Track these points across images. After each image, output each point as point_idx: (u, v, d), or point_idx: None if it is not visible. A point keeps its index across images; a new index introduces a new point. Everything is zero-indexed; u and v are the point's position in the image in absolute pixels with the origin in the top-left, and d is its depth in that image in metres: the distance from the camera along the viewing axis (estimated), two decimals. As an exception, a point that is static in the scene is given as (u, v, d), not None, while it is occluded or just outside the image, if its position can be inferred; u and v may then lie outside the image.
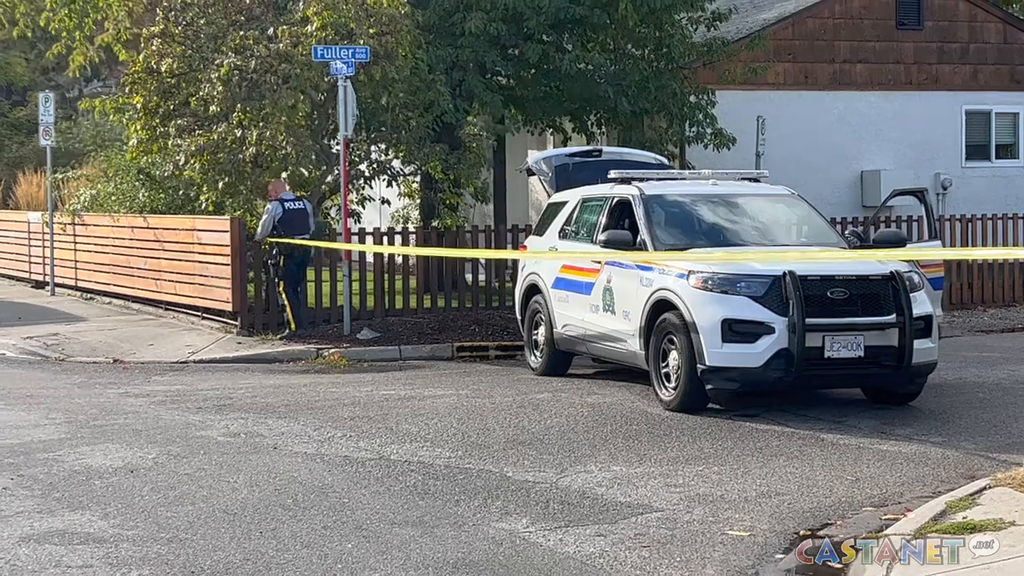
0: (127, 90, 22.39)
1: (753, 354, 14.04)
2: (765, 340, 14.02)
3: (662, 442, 13.02)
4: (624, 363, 15.98)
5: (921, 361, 14.36)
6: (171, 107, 21.84)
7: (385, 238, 22.39)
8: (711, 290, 14.29)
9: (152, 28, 21.72)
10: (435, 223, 22.72)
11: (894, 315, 14.20)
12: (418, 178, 23.51)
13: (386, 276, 22.03)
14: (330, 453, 12.42)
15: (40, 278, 29.06)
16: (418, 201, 25.50)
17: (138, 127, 22.22)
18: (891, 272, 14.34)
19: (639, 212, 15.90)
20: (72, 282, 27.51)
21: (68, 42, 26.74)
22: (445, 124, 23.33)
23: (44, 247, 28.19)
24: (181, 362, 19.27)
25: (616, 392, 15.96)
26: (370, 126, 22.02)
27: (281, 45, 20.64)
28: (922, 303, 14.59)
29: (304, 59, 20.43)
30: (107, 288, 25.98)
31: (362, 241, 22.18)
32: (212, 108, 20.91)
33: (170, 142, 21.39)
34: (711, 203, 16.23)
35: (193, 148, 20.80)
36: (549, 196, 18.52)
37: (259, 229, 20.61)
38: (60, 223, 27.14)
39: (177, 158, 21.21)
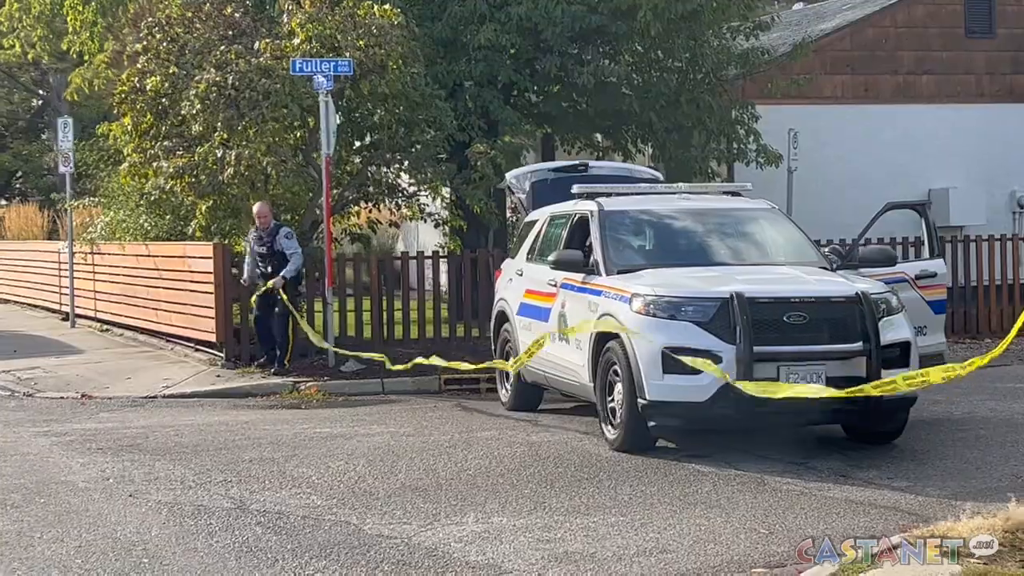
0: (116, 111, 21.26)
1: (697, 387, 12.41)
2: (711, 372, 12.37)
3: (577, 488, 11.50)
4: (580, 397, 14.44)
5: (894, 395, 12.54)
6: (163, 128, 20.63)
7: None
8: (654, 315, 12.70)
9: (135, 45, 20.55)
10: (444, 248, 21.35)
11: (860, 342, 12.48)
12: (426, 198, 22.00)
13: (384, 303, 20.61)
14: (186, 501, 11.07)
15: (69, 310, 28.11)
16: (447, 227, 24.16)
17: (130, 149, 21.07)
18: (857, 293, 12.64)
19: (594, 230, 14.38)
20: (93, 313, 26.49)
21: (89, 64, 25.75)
22: (458, 143, 21.94)
23: (64, 277, 27.21)
24: (149, 397, 18.05)
25: (570, 431, 14.43)
26: (366, 145, 20.65)
27: (262, 59, 19.37)
28: (898, 328, 12.87)
29: (286, 74, 19.16)
30: (120, 319, 24.93)
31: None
32: (195, 127, 19.70)
33: (156, 165, 20.14)
34: (677, 219, 14.65)
35: (172, 170, 19.56)
36: (525, 215, 17.02)
37: (244, 271, 19.53)
38: (80, 252, 26.13)
39: (160, 181, 19.97)
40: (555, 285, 14.68)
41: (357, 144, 21.25)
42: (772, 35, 28.35)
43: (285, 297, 18.81)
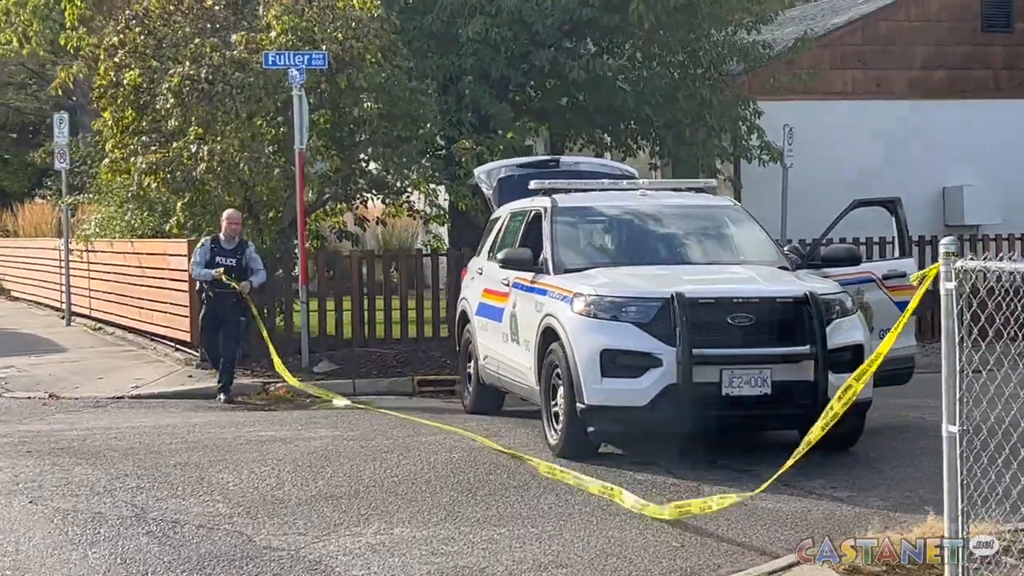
0: (96, 105, 20.88)
1: (637, 391, 11.88)
2: (651, 374, 11.86)
3: (500, 496, 10.99)
4: (531, 401, 13.89)
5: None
6: (143, 123, 20.21)
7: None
8: (595, 316, 12.16)
9: (112, 39, 20.13)
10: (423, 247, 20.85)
11: (808, 345, 11.88)
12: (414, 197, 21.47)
13: (366, 301, 20.12)
14: (86, 508, 10.62)
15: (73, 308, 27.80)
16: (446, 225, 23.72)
17: (111, 145, 20.67)
18: (805, 294, 12.05)
19: (546, 227, 13.85)
20: (88, 311, 26.16)
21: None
22: (449, 139, 21.46)
23: (61, 275, 26.91)
24: (116, 397, 17.65)
25: (519, 436, 13.88)
26: (344, 140, 20.16)
27: (236, 52, 18.91)
28: (850, 331, 12.28)
29: (261, 67, 18.69)
30: (112, 318, 24.57)
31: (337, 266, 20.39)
32: (171, 123, 19.28)
33: (133, 160, 19.72)
34: (632, 217, 14.09)
35: (144, 166, 19.14)
36: (492, 212, 16.50)
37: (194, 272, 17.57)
38: (75, 249, 25.80)
39: (136, 177, 19.57)
40: (508, 284, 14.16)
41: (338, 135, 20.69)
42: (786, 30, 27.79)
43: (253, 307, 17.45)
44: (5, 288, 35.68)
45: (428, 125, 20.78)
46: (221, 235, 17.33)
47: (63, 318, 27.09)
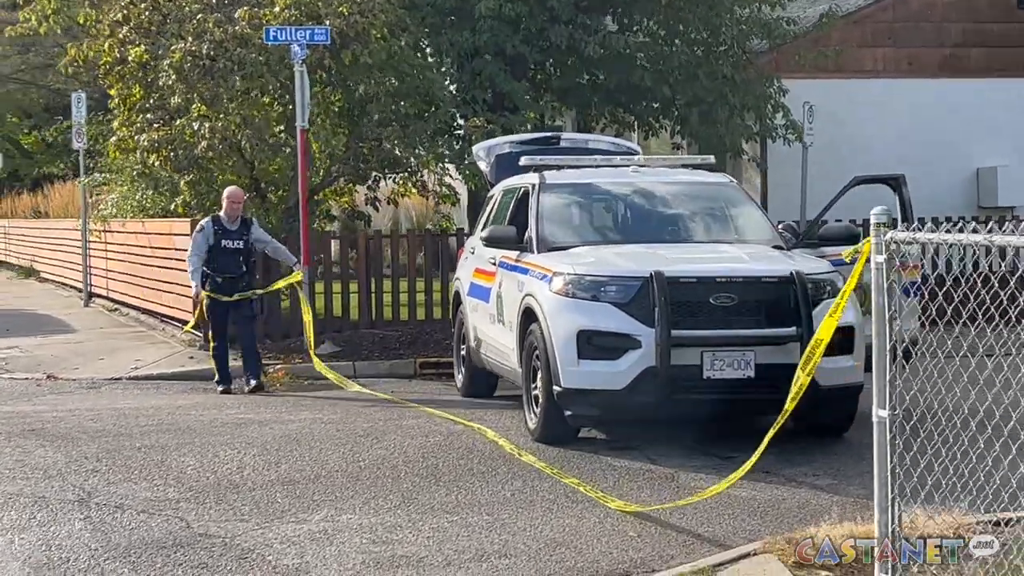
0: (103, 83, 20.55)
1: (615, 374, 11.41)
2: (630, 357, 11.38)
3: (463, 483, 10.58)
4: (517, 383, 13.40)
5: (834, 383, 11.45)
6: (151, 100, 19.84)
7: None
8: (573, 296, 11.69)
9: (116, 15, 19.77)
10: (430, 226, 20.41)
11: (794, 327, 11.37)
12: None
13: (373, 283, 19.70)
14: (32, 492, 10.31)
15: (92, 289, 27.57)
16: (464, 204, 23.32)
17: (118, 122, 20.34)
18: (791, 273, 11.53)
19: (532, 204, 13.39)
20: (105, 292, 25.91)
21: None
22: (466, 118, 21.01)
23: (81, 255, 26.68)
24: (113, 379, 17.31)
25: (503, 420, 13.43)
26: (354, 117, 19.73)
27: (239, 28, 18.51)
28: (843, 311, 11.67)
29: (263, 43, 18.27)
30: (126, 299, 24.31)
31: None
32: (174, 99, 18.92)
33: (137, 138, 19.36)
34: (622, 195, 13.61)
35: (146, 143, 18.79)
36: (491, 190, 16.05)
37: (193, 280, 16.06)
38: (92, 230, 25.54)
39: (139, 155, 19.23)
40: (495, 263, 13.71)
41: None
42: (818, 7, 27.08)
43: (301, 294, 16.53)
44: (36, 270, 35.55)
45: (443, 104, 20.29)
46: (222, 214, 16.09)
47: (83, 299, 26.85)
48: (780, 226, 13.88)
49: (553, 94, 23.41)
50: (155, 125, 19.11)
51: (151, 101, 19.70)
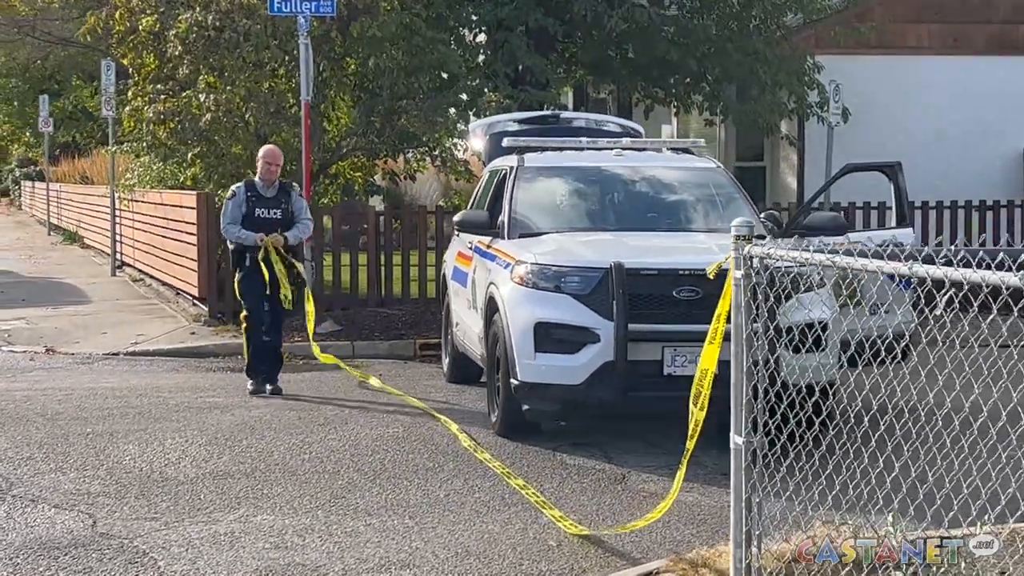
0: (115, 53, 20.29)
1: (573, 368, 10.96)
2: (588, 351, 10.92)
3: (402, 481, 10.18)
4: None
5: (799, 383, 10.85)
6: (164, 71, 19.54)
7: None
8: (533, 286, 11.24)
9: (126, -15, 19.50)
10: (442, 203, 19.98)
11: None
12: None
13: (382, 258, 19.28)
14: (-51, 483, 9.97)
15: (122, 258, 27.42)
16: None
17: (131, 92, 20.08)
18: (760, 267, 10.95)
19: (508, 188, 12.91)
20: (133, 262, 25.74)
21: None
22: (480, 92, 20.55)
23: (110, 224, 26.51)
24: (111, 354, 17.07)
25: (472, 411, 12.97)
26: (365, 91, 19.33)
27: (245, -2, 18.16)
28: (812, 306, 11.15)
29: (268, 14, 17.90)
30: (148, 270, 24.12)
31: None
32: (182, 71, 18.61)
33: (145, 109, 19.07)
34: (601, 179, 13.10)
35: (152, 115, 18.49)
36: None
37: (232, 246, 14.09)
38: (121, 199, 25.34)
39: (146, 126, 18.95)
40: (471, 248, 13.28)
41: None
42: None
43: (300, 267, 14.09)
44: (80, 236, 35.51)
45: (460, 79, 19.84)
46: (257, 179, 13.98)
47: (121, 267, 26.71)
48: (763, 215, 13.30)
49: (585, 69, 22.89)
50: (162, 97, 18.80)
51: (164, 72, 19.42)
